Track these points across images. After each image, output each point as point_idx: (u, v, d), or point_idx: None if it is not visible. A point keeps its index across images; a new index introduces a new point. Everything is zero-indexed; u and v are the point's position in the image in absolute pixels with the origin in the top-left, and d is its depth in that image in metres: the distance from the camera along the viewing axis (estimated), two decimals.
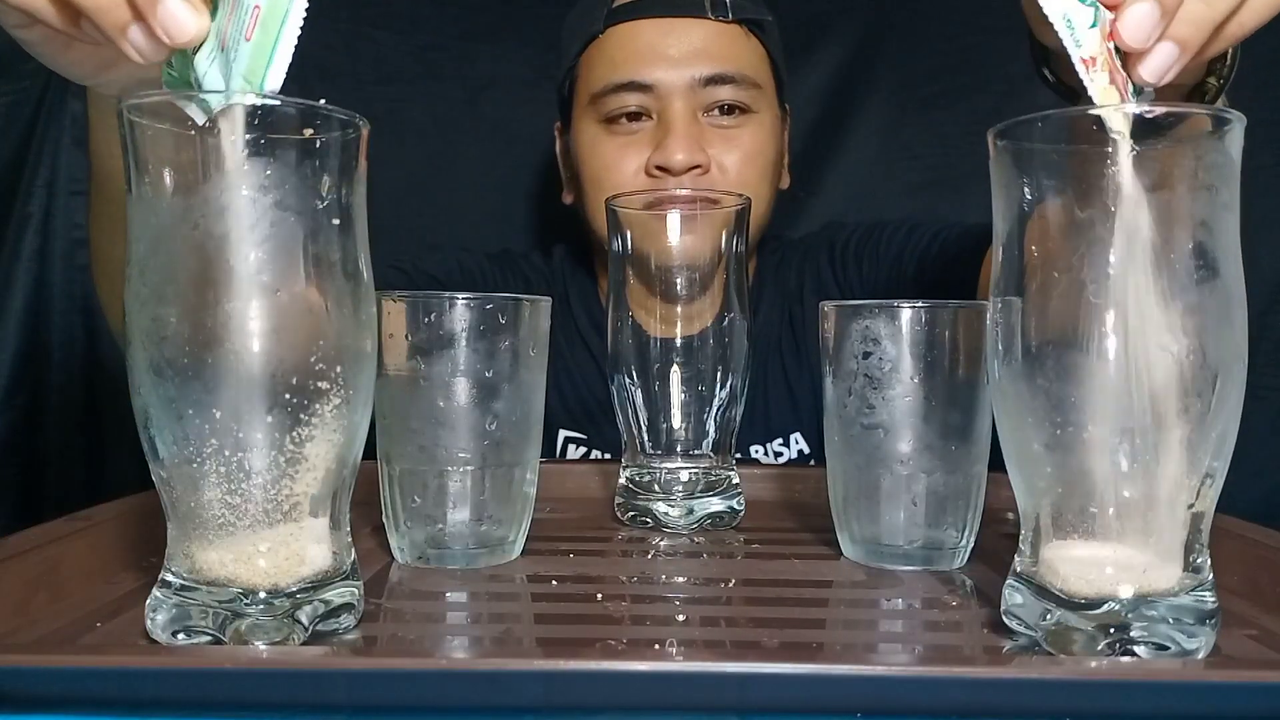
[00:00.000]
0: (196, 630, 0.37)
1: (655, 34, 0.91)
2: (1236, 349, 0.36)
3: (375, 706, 0.35)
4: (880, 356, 0.51)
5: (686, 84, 0.90)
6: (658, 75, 0.90)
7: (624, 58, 0.92)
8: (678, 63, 0.90)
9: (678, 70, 0.90)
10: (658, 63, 0.91)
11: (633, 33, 0.92)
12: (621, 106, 0.92)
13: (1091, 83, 0.42)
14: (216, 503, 0.37)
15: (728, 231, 0.61)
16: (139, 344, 0.37)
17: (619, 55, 0.93)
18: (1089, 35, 0.43)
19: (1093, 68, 0.43)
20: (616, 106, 0.92)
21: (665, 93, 0.91)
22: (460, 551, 0.51)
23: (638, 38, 0.92)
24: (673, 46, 0.91)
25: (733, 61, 0.92)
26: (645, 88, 0.91)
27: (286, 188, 0.37)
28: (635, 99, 0.92)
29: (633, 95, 0.92)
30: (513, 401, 0.51)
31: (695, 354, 0.61)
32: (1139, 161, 0.35)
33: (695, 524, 0.61)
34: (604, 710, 0.34)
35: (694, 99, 0.91)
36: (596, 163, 0.94)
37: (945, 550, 0.52)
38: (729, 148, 0.92)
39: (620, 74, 0.92)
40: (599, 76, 0.94)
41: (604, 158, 0.94)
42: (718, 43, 0.92)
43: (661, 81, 0.90)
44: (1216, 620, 0.37)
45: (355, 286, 0.40)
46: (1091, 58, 0.43)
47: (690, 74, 0.90)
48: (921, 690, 0.33)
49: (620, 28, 0.93)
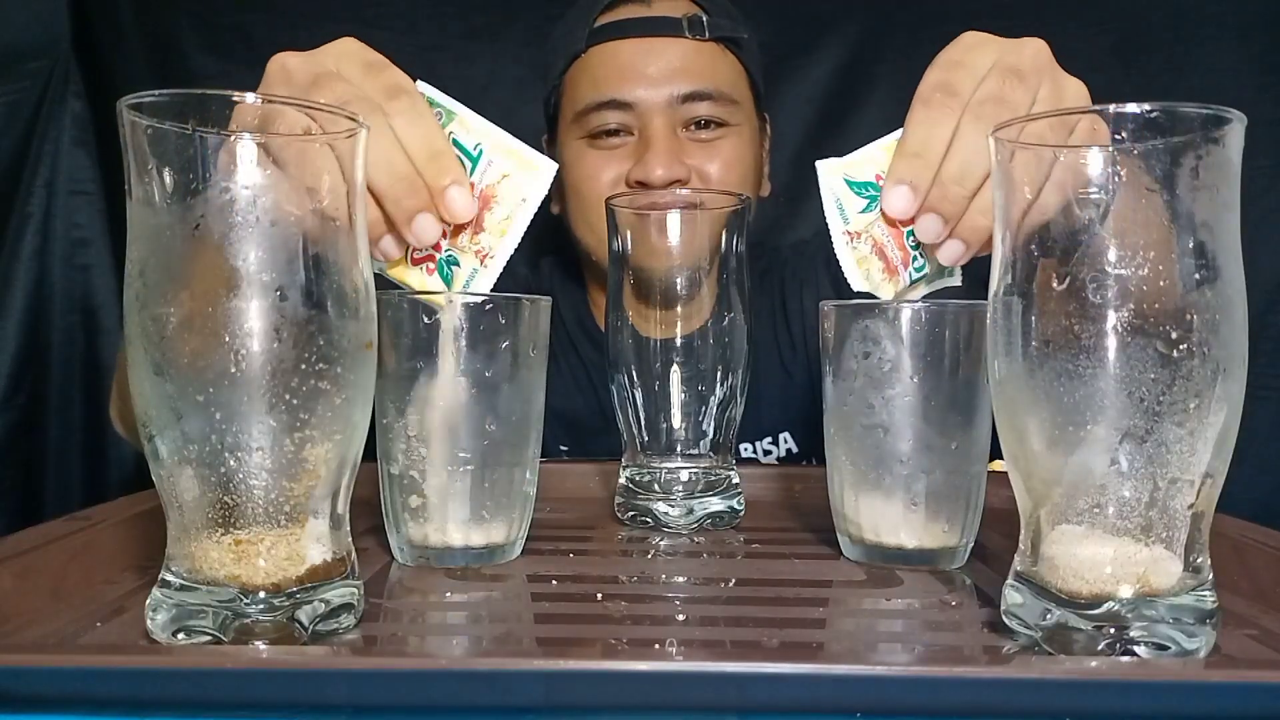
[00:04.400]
0: (196, 630, 0.37)
1: (635, 53, 0.94)
2: (1236, 349, 0.36)
3: (375, 706, 0.35)
4: (880, 356, 0.51)
5: (665, 101, 0.93)
6: (638, 94, 0.93)
7: (605, 76, 0.95)
8: (656, 81, 0.93)
9: (657, 89, 0.93)
10: (638, 81, 0.93)
11: (614, 52, 0.95)
12: (603, 123, 0.95)
13: (850, 251, 0.52)
14: (216, 503, 0.37)
15: (726, 231, 0.61)
16: (139, 344, 0.37)
17: (600, 74, 0.95)
18: (859, 217, 0.52)
19: (856, 240, 0.53)
20: (598, 124, 0.95)
21: (645, 110, 0.93)
22: (460, 551, 0.51)
23: (619, 56, 0.95)
24: (652, 65, 0.94)
25: (710, 79, 0.95)
26: (626, 106, 0.94)
27: (286, 188, 0.37)
28: (616, 117, 0.95)
29: (614, 113, 0.94)
30: (512, 401, 0.51)
31: (695, 354, 0.61)
32: (1140, 161, 0.35)
33: (695, 524, 0.61)
34: (604, 710, 0.34)
35: (673, 115, 0.94)
36: (578, 175, 0.97)
37: (945, 550, 0.52)
38: (708, 157, 0.95)
39: (602, 92, 0.95)
40: (582, 94, 0.96)
41: (585, 170, 0.96)
42: (696, 61, 0.94)
43: (641, 100, 0.93)
44: (1216, 620, 0.37)
45: (355, 286, 0.40)
46: (856, 233, 0.53)
47: (669, 92, 0.93)
48: (921, 690, 0.33)
49: (602, 47, 0.96)
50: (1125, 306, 0.35)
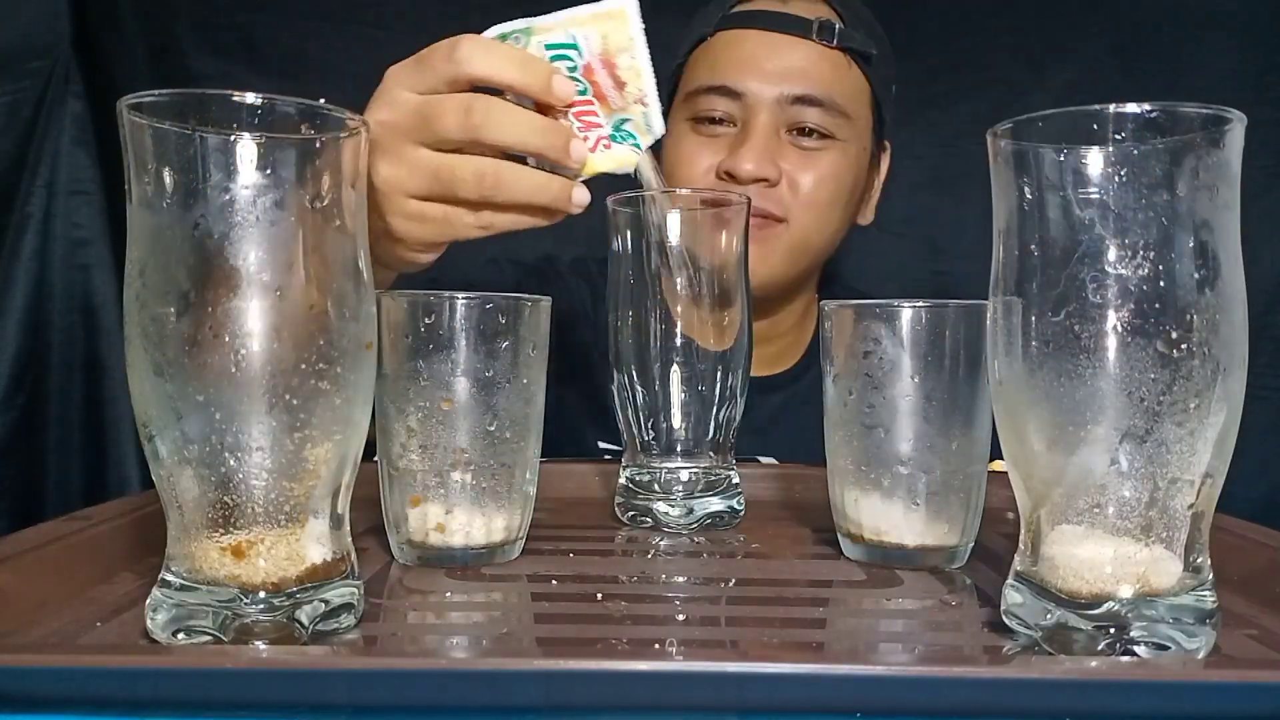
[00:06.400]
0: (196, 630, 0.37)
1: (757, 45, 0.93)
2: (1236, 349, 0.36)
3: (375, 706, 0.35)
4: (880, 356, 0.51)
5: (774, 99, 0.92)
6: (749, 85, 0.92)
7: (723, 62, 0.94)
8: (770, 77, 0.92)
9: (769, 84, 0.92)
10: (752, 73, 0.92)
11: (738, 40, 0.94)
12: (710, 108, 0.94)
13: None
14: (217, 503, 0.37)
15: (726, 230, 0.61)
16: (139, 344, 0.37)
17: (720, 59, 0.95)
18: None
19: None
20: (705, 108, 0.94)
21: (753, 103, 0.92)
22: (460, 551, 0.51)
23: (741, 46, 0.94)
24: (770, 61, 0.92)
25: (825, 86, 0.93)
26: (735, 95, 0.93)
27: (286, 188, 0.37)
28: (723, 104, 0.94)
29: (721, 100, 0.94)
30: (512, 401, 0.51)
31: (695, 353, 0.61)
32: (1140, 161, 0.35)
33: (695, 524, 0.61)
34: (604, 710, 0.34)
35: (779, 115, 0.92)
36: (675, 156, 0.96)
37: (945, 550, 0.52)
38: (804, 166, 0.93)
39: (715, 77, 0.94)
40: (697, 76, 0.96)
41: (682, 153, 0.96)
42: (816, 66, 0.93)
43: (751, 91, 0.92)
44: (1216, 620, 0.37)
45: (355, 286, 0.40)
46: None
47: (780, 90, 0.92)
48: (921, 690, 0.33)
49: (728, 33, 0.95)
50: (1125, 306, 0.35)
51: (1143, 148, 0.35)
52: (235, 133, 0.36)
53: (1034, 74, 1.27)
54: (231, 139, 0.36)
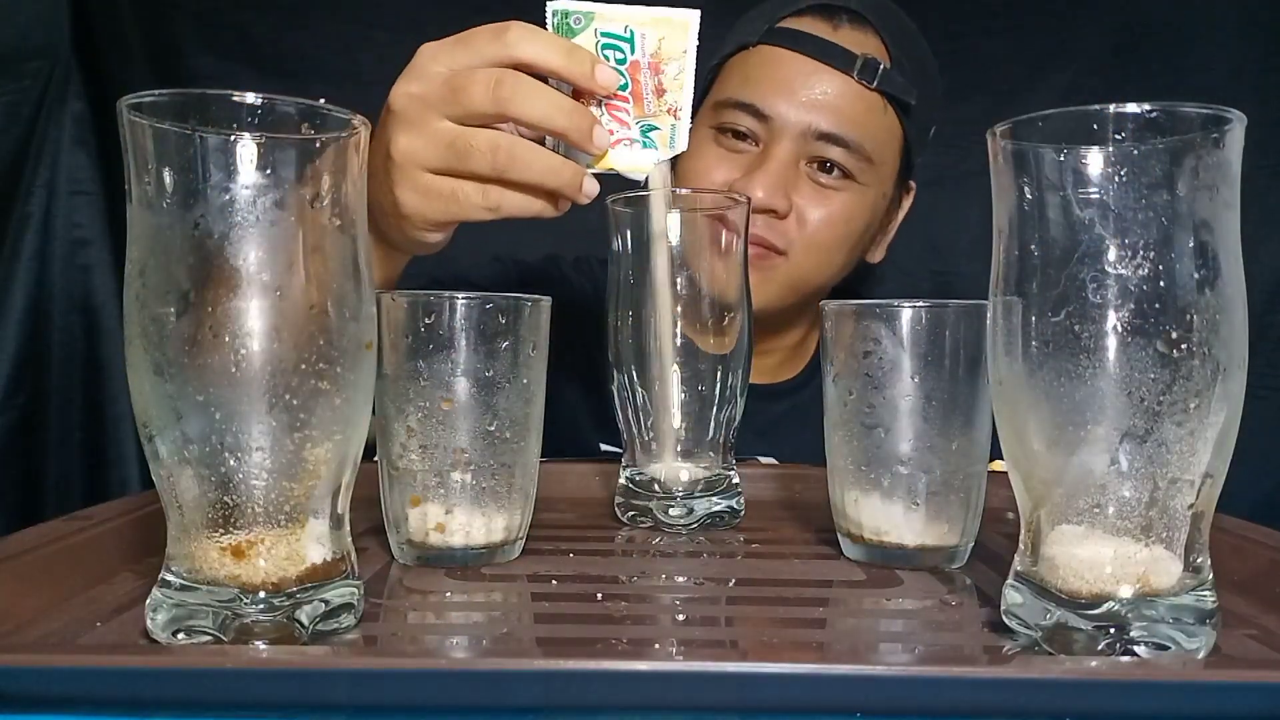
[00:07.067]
0: (196, 630, 0.37)
1: (795, 69, 0.90)
2: (1236, 349, 0.36)
3: (375, 706, 0.35)
4: (880, 356, 0.51)
5: (801, 130, 0.89)
6: (778, 109, 0.90)
7: (757, 80, 0.92)
8: (801, 106, 0.89)
9: (798, 113, 0.89)
10: (784, 98, 0.90)
11: (777, 59, 0.91)
12: (734, 122, 0.92)
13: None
14: (216, 503, 0.37)
15: (726, 231, 0.61)
16: (139, 344, 0.37)
17: (754, 75, 0.92)
18: None
19: None
20: (730, 120, 0.92)
21: (778, 128, 0.90)
22: (460, 551, 0.51)
23: (779, 66, 0.91)
24: (805, 90, 0.90)
25: (855, 128, 0.90)
26: (762, 116, 0.90)
27: (286, 188, 0.37)
28: (748, 122, 0.91)
29: (747, 118, 0.91)
30: (512, 401, 0.51)
31: (696, 353, 0.61)
32: (1140, 161, 0.35)
33: (695, 524, 0.61)
34: (604, 710, 0.34)
35: (802, 146, 0.90)
36: (691, 165, 0.94)
37: (945, 550, 0.52)
38: (817, 202, 0.91)
39: (746, 94, 0.91)
40: (729, 86, 0.94)
41: (700, 162, 0.94)
42: (851, 105, 0.90)
43: (779, 116, 0.90)
44: (1216, 620, 0.37)
45: (355, 286, 0.40)
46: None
47: (808, 121, 0.89)
48: (921, 690, 0.33)
49: (771, 49, 0.92)
50: (1125, 306, 0.35)
51: (1143, 147, 0.35)
52: (235, 133, 0.36)
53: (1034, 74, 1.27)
54: (231, 139, 0.36)
